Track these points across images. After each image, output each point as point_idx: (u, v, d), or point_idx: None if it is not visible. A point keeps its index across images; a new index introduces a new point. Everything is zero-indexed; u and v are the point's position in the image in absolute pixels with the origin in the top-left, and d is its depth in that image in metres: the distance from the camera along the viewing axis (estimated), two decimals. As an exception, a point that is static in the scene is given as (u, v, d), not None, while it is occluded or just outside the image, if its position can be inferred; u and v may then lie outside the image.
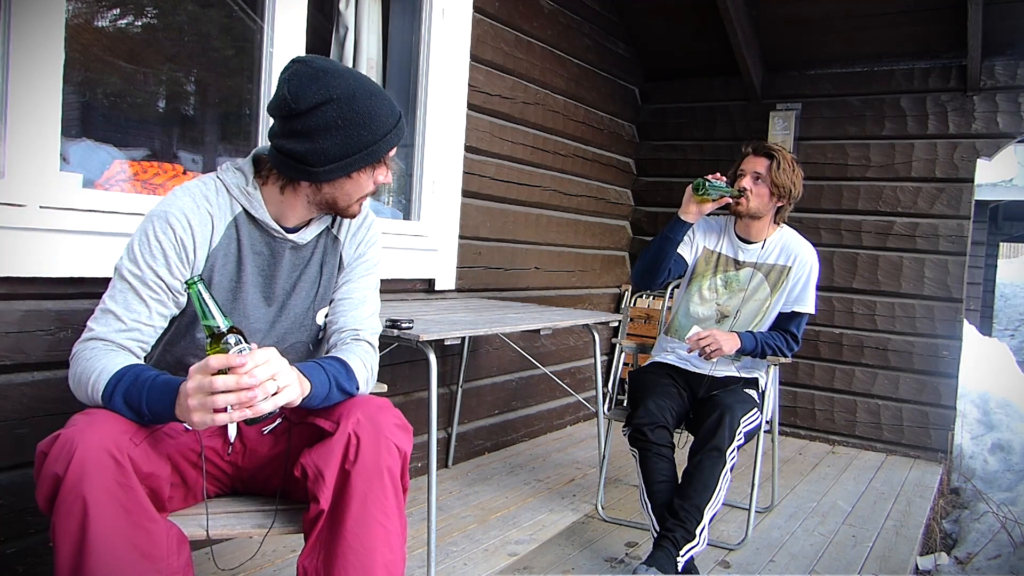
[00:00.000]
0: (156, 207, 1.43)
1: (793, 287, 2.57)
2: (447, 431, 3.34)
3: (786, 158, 2.54)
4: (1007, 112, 3.76)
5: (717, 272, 2.65)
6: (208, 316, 1.24)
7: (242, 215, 1.49)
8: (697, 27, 4.20)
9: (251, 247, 1.50)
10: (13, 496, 1.85)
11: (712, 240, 2.68)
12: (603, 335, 4.61)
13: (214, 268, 1.46)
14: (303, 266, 1.57)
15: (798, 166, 2.58)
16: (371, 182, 1.49)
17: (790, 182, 2.53)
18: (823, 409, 4.19)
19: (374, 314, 1.64)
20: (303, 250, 1.57)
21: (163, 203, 1.43)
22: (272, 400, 1.24)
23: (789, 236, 2.65)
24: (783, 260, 2.59)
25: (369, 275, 1.64)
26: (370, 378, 1.54)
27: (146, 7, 2.66)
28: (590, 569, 2.39)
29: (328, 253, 1.60)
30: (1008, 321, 12.94)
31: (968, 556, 3.10)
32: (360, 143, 1.41)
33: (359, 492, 1.35)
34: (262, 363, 1.23)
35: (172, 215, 1.41)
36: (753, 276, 2.61)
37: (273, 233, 1.51)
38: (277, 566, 2.24)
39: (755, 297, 2.59)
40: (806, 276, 2.57)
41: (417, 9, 3.08)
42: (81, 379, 1.32)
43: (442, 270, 3.15)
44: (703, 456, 2.27)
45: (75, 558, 1.17)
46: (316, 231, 1.57)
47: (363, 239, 1.64)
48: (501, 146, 3.47)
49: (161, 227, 1.40)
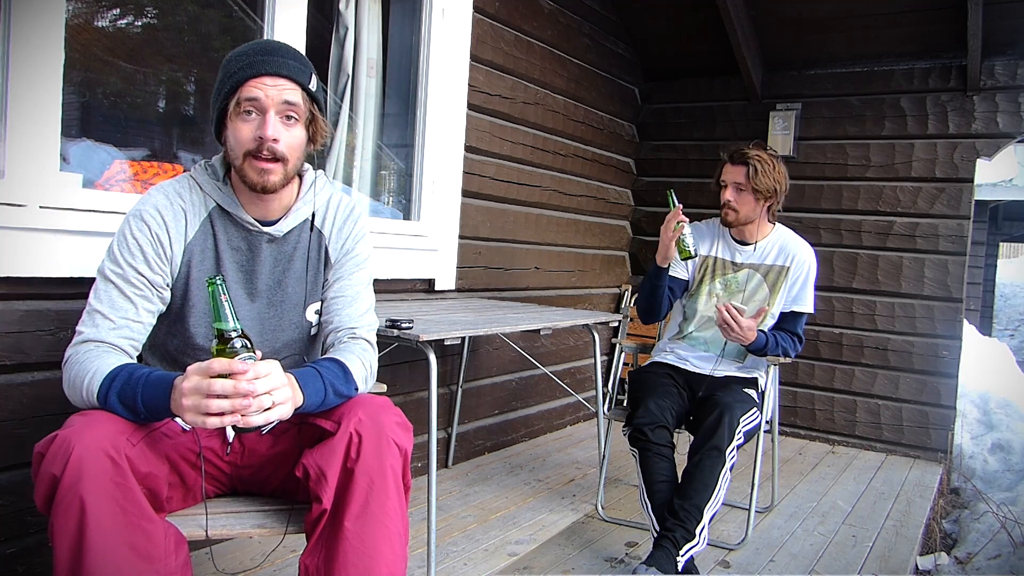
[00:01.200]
0: (132, 207, 1.47)
1: (792, 286, 2.57)
2: (447, 431, 3.34)
3: (763, 160, 2.49)
4: (1007, 112, 3.76)
5: (716, 276, 2.65)
6: (221, 318, 1.24)
7: (216, 210, 1.51)
8: (697, 27, 4.20)
9: (228, 242, 1.51)
10: (13, 496, 1.85)
11: (705, 246, 2.68)
12: (603, 335, 4.61)
13: (191, 263, 1.48)
14: (286, 261, 1.57)
15: (779, 163, 2.53)
16: (245, 129, 1.41)
17: (773, 182, 2.49)
18: (823, 409, 4.19)
19: (369, 310, 1.63)
20: (285, 245, 1.56)
21: (138, 203, 1.47)
22: (264, 415, 1.24)
23: (786, 236, 2.64)
24: (781, 260, 2.59)
25: (360, 270, 1.63)
26: (369, 376, 1.53)
27: (146, 7, 2.66)
28: (590, 569, 2.39)
29: (312, 248, 1.59)
30: (1008, 321, 12.94)
31: (968, 556, 3.10)
32: (220, 82, 1.43)
33: (361, 491, 1.35)
34: (263, 375, 1.23)
35: (146, 212, 1.45)
36: (751, 277, 2.61)
37: (248, 227, 1.52)
38: (277, 566, 2.24)
39: (755, 298, 2.59)
40: (804, 275, 2.57)
41: (417, 9, 3.08)
42: (75, 383, 1.32)
43: (442, 270, 3.15)
44: (703, 456, 2.27)
45: (73, 558, 1.17)
46: (293, 223, 1.56)
47: (349, 234, 1.62)
48: (501, 146, 3.47)
49: (137, 225, 1.43)
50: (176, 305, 1.50)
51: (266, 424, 1.26)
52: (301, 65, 1.45)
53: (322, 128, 1.49)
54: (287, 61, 1.42)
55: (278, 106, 1.41)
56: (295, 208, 1.56)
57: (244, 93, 1.39)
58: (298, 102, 1.43)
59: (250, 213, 1.51)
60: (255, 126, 1.41)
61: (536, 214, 3.79)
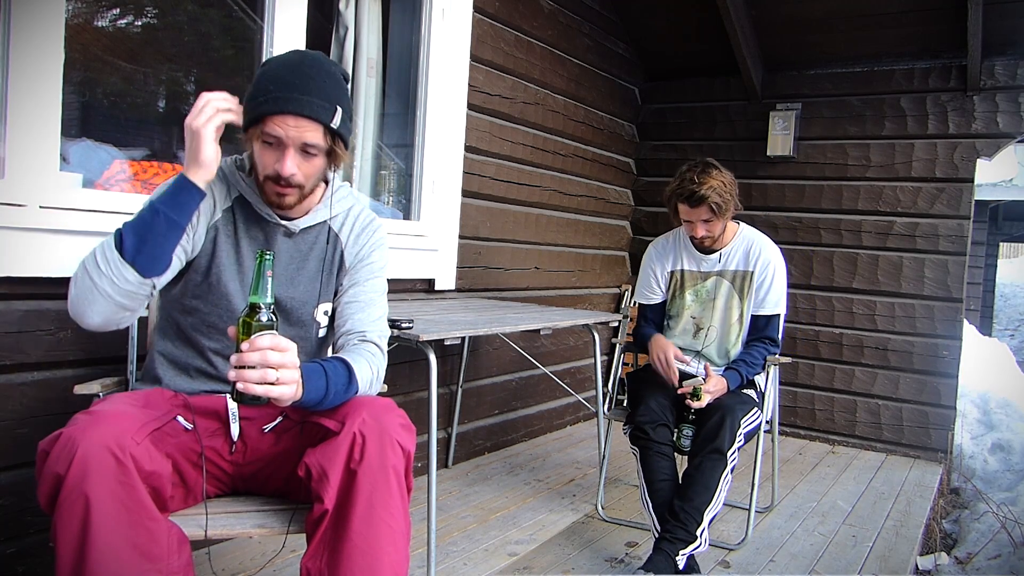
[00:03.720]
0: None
1: (758, 289, 2.55)
2: (447, 431, 3.34)
3: (717, 188, 2.38)
4: (1007, 112, 3.76)
5: (685, 288, 2.64)
6: (259, 290, 1.24)
7: (239, 200, 1.57)
8: (697, 27, 4.20)
9: (247, 231, 1.56)
10: (13, 496, 1.85)
11: (669, 262, 2.68)
12: (603, 335, 4.61)
13: (217, 240, 1.53)
14: (301, 259, 1.60)
15: (723, 173, 2.44)
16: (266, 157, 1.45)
17: (732, 198, 2.44)
18: (823, 409, 4.19)
19: (381, 317, 1.64)
20: (300, 243, 1.60)
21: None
22: (265, 387, 1.23)
23: (750, 237, 2.60)
24: (744, 265, 2.57)
25: (375, 278, 1.65)
26: (374, 380, 1.53)
27: (146, 7, 2.66)
28: (590, 569, 2.39)
29: (328, 250, 1.62)
30: (1008, 321, 12.95)
31: (968, 556, 3.10)
32: (250, 96, 1.45)
33: (365, 492, 1.35)
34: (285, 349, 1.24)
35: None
36: (719, 284, 2.60)
37: (266, 217, 1.56)
38: (277, 566, 2.24)
39: (728, 305, 2.58)
40: (771, 277, 2.54)
41: (417, 9, 3.08)
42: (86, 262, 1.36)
43: (442, 270, 3.15)
44: (704, 458, 2.27)
45: (76, 557, 1.17)
46: (312, 221, 1.60)
47: (367, 242, 1.65)
48: (501, 146, 3.47)
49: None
50: (195, 281, 1.53)
51: (263, 398, 1.24)
52: (326, 102, 1.43)
53: (341, 158, 1.51)
54: (311, 100, 1.41)
55: (297, 145, 1.43)
56: (316, 209, 1.60)
57: (266, 127, 1.41)
58: (318, 142, 1.44)
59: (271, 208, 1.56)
60: (275, 159, 1.44)
61: (536, 214, 3.79)
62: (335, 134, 1.47)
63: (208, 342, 1.55)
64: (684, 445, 2.39)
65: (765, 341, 2.56)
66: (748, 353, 2.53)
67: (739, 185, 2.54)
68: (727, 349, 2.59)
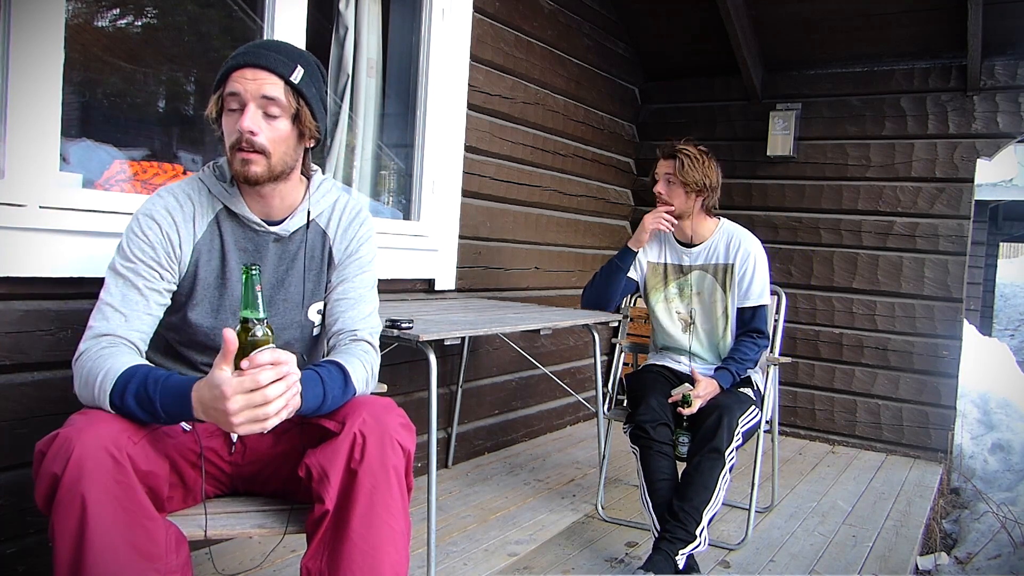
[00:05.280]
0: (141, 207, 1.48)
1: (740, 281, 2.55)
2: (447, 431, 3.34)
3: (691, 155, 2.51)
4: (1007, 112, 3.76)
5: (668, 283, 2.65)
6: (251, 305, 1.23)
7: (223, 212, 1.52)
8: (697, 27, 4.20)
9: (235, 243, 1.52)
10: (13, 496, 1.85)
11: (653, 253, 2.69)
12: (603, 335, 4.61)
13: (199, 263, 1.49)
14: (290, 260, 1.57)
15: (709, 158, 2.54)
16: (229, 123, 1.42)
17: (702, 175, 2.50)
18: (823, 409, 4.19)
19: (372, 313, 1.62)
20: (289, 244, 1.57)
21: (147, 203, 1.49)
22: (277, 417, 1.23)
23: (730, 231, 2.61)
24: (724, 258, 2.58)
25: (364, 273, 1.63)
26: (370, 379, 1.53)
27: (146, 7, 2.66)
28: (590, 569, 2.39)
29: (316, 247, 1.60)
30: (1008, 321, 12.94)
31: (968, 556, 3.10)
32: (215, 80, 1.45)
33: (365, 492, 1.34)
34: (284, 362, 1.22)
35: (157, 212, 1.46)
36: (703, 278, 2.60)
37: (254, 227, 1.53)
38: (277, 566, 2.24)
39: (712, 299, 2.59)
40: (751, 269, 2.54)
41: (417, 9, 3.08)
42: (87, 379, 1.31)
43: (442, 270, 3.15)
44: (702, 458, 2.26)
45: (74, 557, 1.16)
46: (299, 223, 1.57)
47: (354, 236, 1.62)
48: (501, 146, 3.47)
49: (147, 223, 1.45)
50: (180, 301, 1.50)
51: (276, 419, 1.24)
52: (285, 58, 1.42)
53: (307, 123, 1.46)
54: (269, 54, 1.42)
55: (257, 100, 1.40)
56: (301, 208, 1.56)
57: (227, 87, 1.41)
58: (278, 96, 1.41)
59: (255, 213, 1.52)
60: (237, 121, 1.41)
61: (536, 214, 3.79)
62: (298, 94, 1.43)
63: (199, 356, 1.54)
64: (681, 452, 2.38)
65: (753, 335, 2.55)
66: (737, 350, 2.53)
67: (739, 185, 2.55)
68: (716, 344, 2.60)
